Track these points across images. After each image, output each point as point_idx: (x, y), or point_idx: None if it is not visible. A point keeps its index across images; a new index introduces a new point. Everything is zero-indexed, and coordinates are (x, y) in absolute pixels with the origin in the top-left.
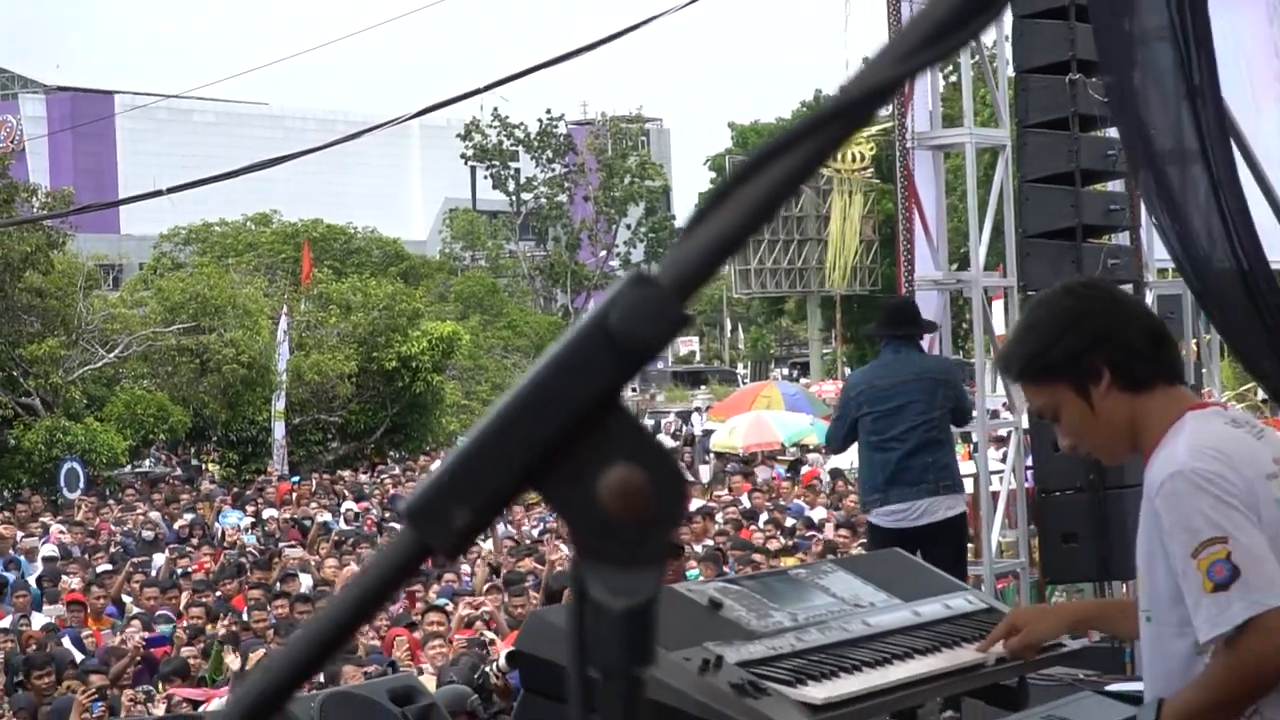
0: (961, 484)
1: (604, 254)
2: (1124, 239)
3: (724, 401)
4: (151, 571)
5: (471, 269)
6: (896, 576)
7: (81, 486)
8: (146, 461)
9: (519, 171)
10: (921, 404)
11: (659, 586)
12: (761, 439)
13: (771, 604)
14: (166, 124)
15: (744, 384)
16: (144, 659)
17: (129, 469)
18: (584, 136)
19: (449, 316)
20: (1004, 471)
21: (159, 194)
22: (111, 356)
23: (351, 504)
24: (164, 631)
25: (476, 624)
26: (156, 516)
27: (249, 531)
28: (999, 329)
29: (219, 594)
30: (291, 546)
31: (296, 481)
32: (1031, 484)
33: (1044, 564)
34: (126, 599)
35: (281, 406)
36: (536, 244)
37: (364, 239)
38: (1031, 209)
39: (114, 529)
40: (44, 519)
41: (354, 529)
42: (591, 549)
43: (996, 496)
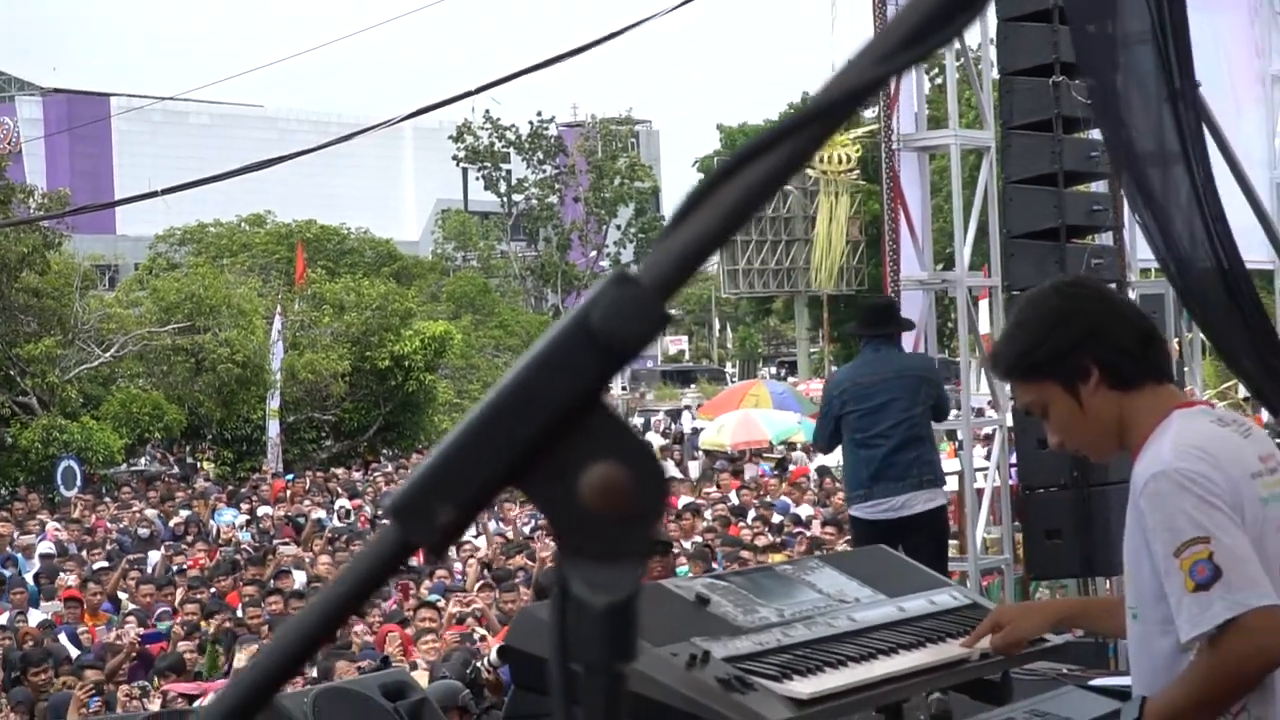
0: (943, 478)
1: (594, 254)
2: (1107, 239)
3: (713, 400)
4: (147, 568)
5: (463, 269)
6: (882, 573)
7: (78, 484)
8: (142, 460)
9: (510, 173)
10: (904, 401)
11: (640, 582)
12: (750, 437)
13: (758, 600)
14: (162, 126)
15: (732, 382)
16: (139, 655)
17: (125, 467)
18: (574, 138)
19: (441, 316)
20: (989, 469)
21: (154, 195)
22: (107, 356)
23: (345, 501)
24: (162, 628)
25: (468, 620)
26: (152, 514)
27: (244, 529)
28: (984, 328)
29: (214, 590)
30: (286, 543)
31: (291, 479)
32: (1016, 481)
33: (1028, 560)
34: (122, 595)
35: (276, 405)
36: (527, 244)
37: (357, 239)
38: (1016, 210)
39: (110, 526)
40: (41, 516)
41: (347, 526)
42: (573, 545)
43: (981, 493)
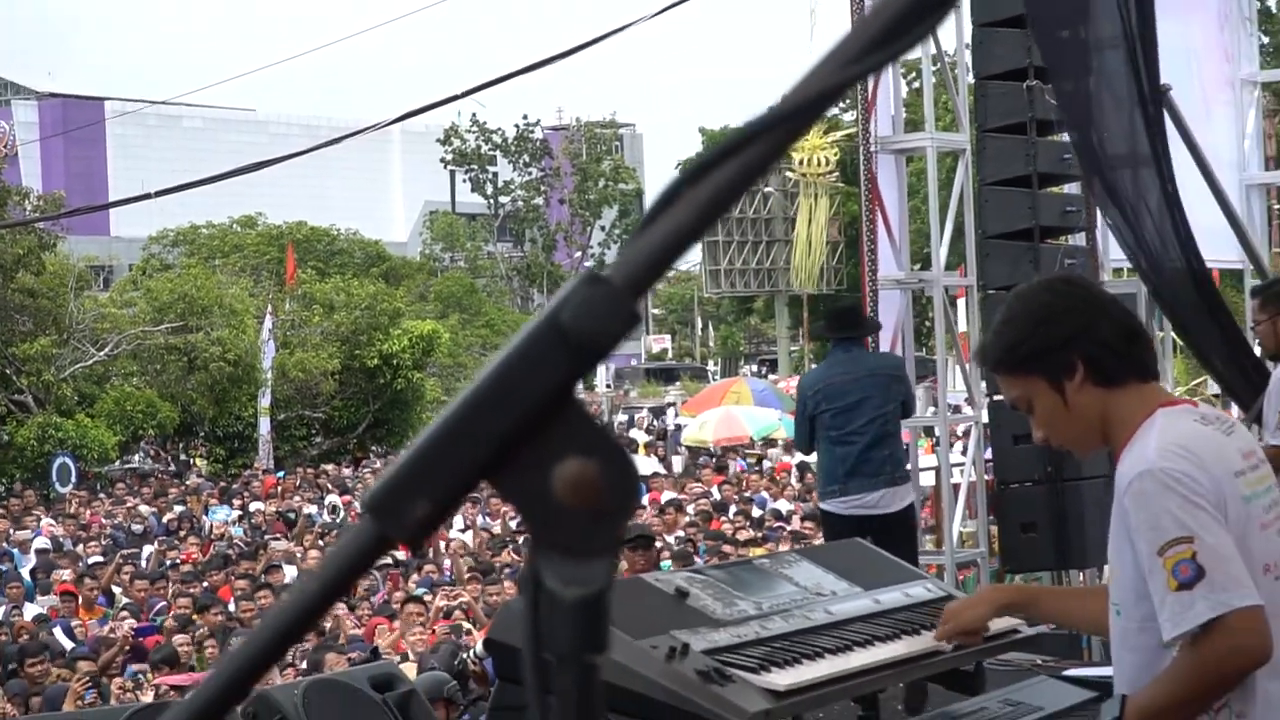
0: (909, 475)
1: (579, 255)
2: (1080, 239)
3: (695, 397)
4: (141, 563)
5: (451, 270)
6: (858, 566)
7: (73, 481)
8: (136, 457)
9: (497, 175)
10: (877, 399)
11: (611, 576)
12: (731, 433)
13: (737, 593)
14: (155, 129)
15: (714, 380)
16: (132, 648)
17: (119, 464)
18: (559, 141)
19: (429, 316)
20: (965, 464)
21: (148, 197)
22: (102, 355)
23: (335, 497)
24: (154, 622)
25: (455, 614)
26: (146, 510)
27: (236, 524)
28: (960, 327)
29: (206, 585)
30: (277, 539)
31: (281, 476)
32: (991, 476)
33: (1003, 553)
34: (116, 590)
35: (266, 403)
36: (514, 245)
37: (346, 241)
38: (991, 211)
39: (104, 522)
40: (36, 512)
41: (337, 521)
42: (546, 540)
43: (957, 488)
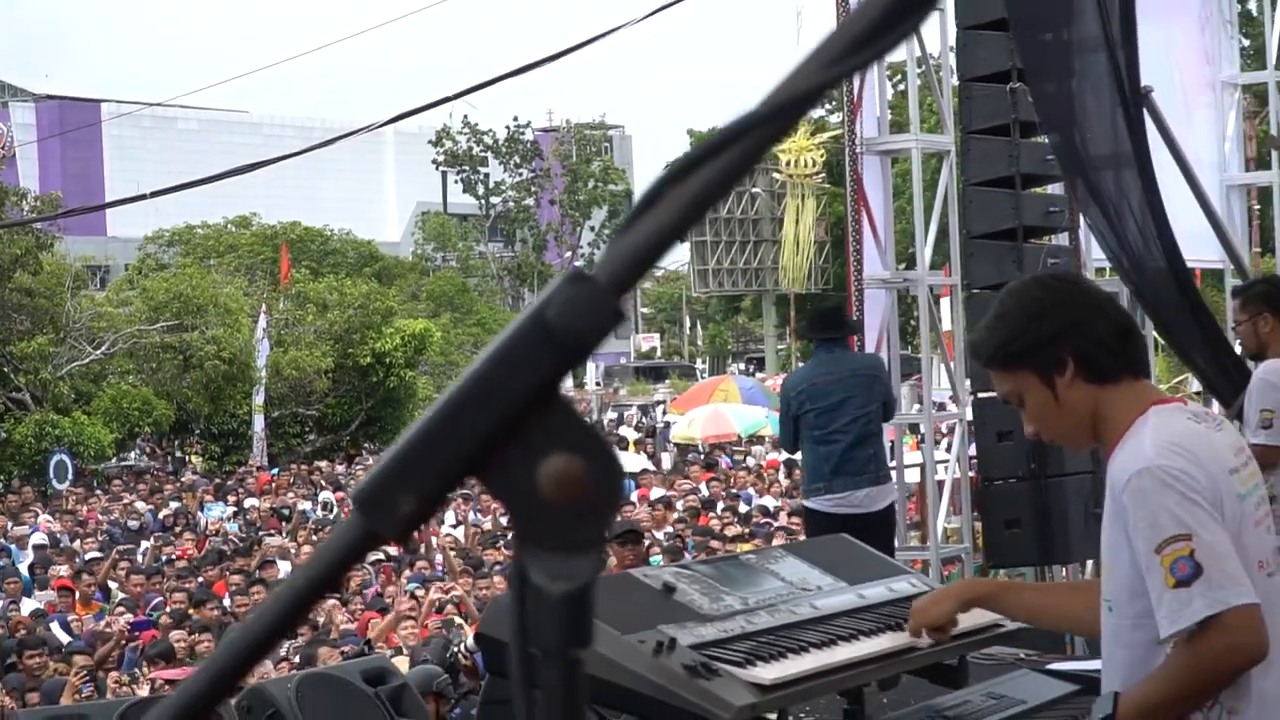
0: (890, 474)
1: (569, 255)
2: (1063, 239)
3: (684, 395)
4: (137, 559)
5: (442, 269)
6: (843, 561)
7: (70, 478)
8: (132, 454)
9: (488, 176)
10: (860, 398)
11: (596, 571)
12: (719, 430)
13: (723, 588)
14: (151, 131)
15: (702, 378)
16: (128, 642)
17: (115, 461)
18: (550, 143)
19: (421, 315)
20: (949, 461)
21: (143, 198)
22: (98, 353)
23: (328, 494)
24: (150, 616)
25: (447, 608)
26: (142, 506)
27: (231, 520)
28: (945, 325)
29: (201, 580)
30: (271, 534)
31: (276, 472)
32: (976, 473)
33: (987, 549)
34: (112, 585)
35: (261, 401)
36: (505, 245)
37: (340, 241)
38: (975, 211)
39: (101, 518)
40: (34, 509)
41: (330, 517)
42: (531, 535)
43: (942, 485)
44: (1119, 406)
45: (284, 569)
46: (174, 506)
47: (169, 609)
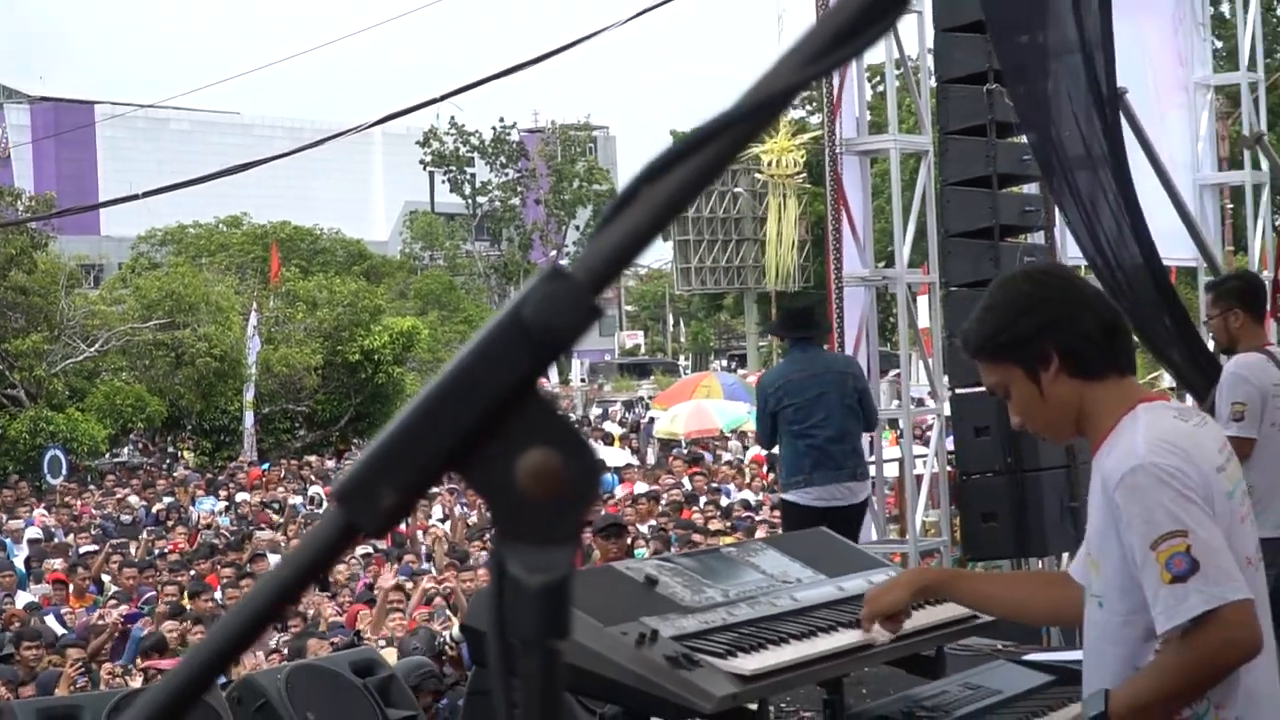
0: (868, 470)
1: (554, 253)
2: (1039, 238)
3: (667, 391)
4: (130, 553)
5: (430, 268)
6: (822, 554)
7: (64, 473)
8: (125, 449)
9: (475, 176)
10: (835, 394)
11: (573, 564)
12: (702, 426)
13: (705, 581)
14: (144, 132)
15: (685, 375)
16: (121, 634)
17: (109, 456)
18: (535, 143)
19: (409, 312)
20: (928, 455)
21: (136, 198)
22: (92, 351)
23: (318, 489)
24: (143, 609)
25: (436, 600)
26: (135, 501)
27: (223, 514)
28: (923, 323)
29: (193, 573)
30: (262, 529)
31: (266, 467)
32: (953, 467)
33: (965, 542)
34: (105, 578)
35: (251, 397)
36: (491, 244)
37: (329, 240)
38: (952, 210)
39: (95, 512)
40: (29, 504)
41: (318, 511)
42: (510, 528)
43: (920, 479)
44: (1104, 403)
45: (274, 562)
46: (166, 501)
47: (162, 601)
